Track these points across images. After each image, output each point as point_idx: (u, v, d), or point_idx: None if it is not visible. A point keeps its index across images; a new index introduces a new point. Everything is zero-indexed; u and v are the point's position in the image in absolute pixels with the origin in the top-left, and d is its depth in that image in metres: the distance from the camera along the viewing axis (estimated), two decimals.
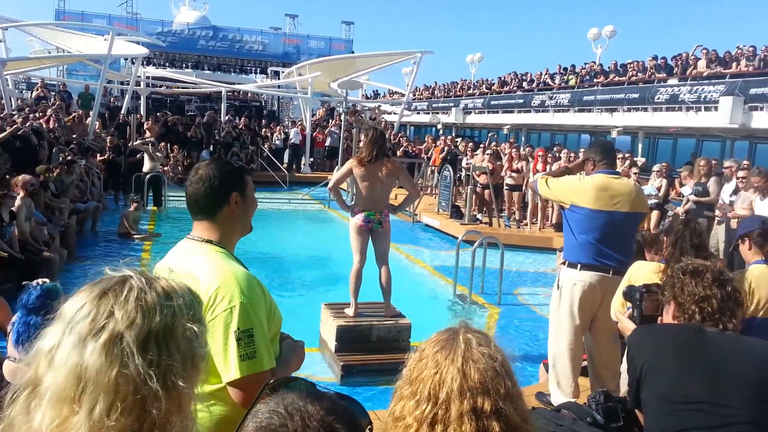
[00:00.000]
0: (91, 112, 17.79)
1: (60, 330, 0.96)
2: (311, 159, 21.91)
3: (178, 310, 0.99)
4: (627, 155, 13.36)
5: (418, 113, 33.00)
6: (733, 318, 2.23)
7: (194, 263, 1.89)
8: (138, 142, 15.14)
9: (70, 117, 16.57)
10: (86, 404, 0.90)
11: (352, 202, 5.60)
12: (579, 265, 4.00)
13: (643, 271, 3.57)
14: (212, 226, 1.98)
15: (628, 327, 2.64)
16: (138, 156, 14.11)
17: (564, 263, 4.14)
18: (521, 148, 14.30)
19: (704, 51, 16.94)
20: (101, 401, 0.91)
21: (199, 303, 1.07)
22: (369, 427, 0.99)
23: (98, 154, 14.07)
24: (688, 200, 9.67)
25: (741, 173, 8.51)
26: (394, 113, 27.67)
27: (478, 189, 13.00)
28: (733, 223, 8.14)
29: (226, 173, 1.99)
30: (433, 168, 16.85)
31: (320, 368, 5.54)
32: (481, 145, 16.62)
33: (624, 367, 3.19)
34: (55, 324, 0.97)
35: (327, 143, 22.26)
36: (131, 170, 13.89)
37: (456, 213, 12.95)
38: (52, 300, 3.03)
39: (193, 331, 1.00)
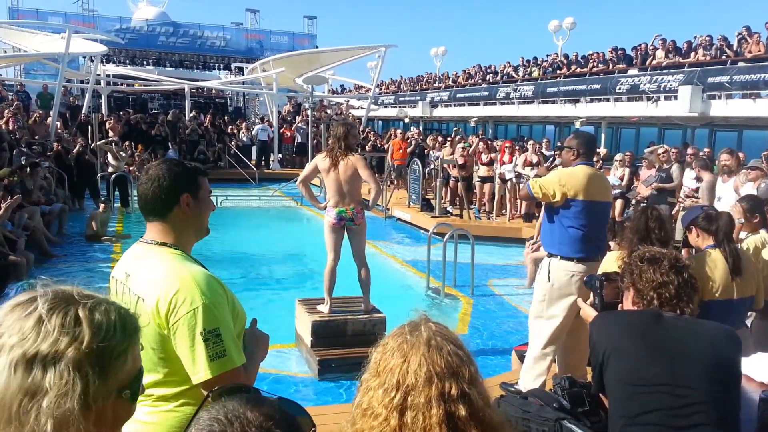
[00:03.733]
0: (51, 113, 17.38)
1: None
2: (280, 155, 21.79)
3: (78, 335, 0.96)
4: None
5: (386, 107, 33.03)
6: (690, 303, 2.33)
7: (151, 268, 1.87)
8: (101, 142, 14.88)
9: (32, 118, 16.17)
10: None
11: (325, 201, 5.62)
12: (575, 258, 4.07)
13: (611, 260, 3.72)
14: (165, 228, 1.94)
15: (589, 314, 2.75)
16: (86, 157, 13.76)
17: (554, 256, 4.13)
18: (489, 141, 14.52)
19: (662, 41, 17.35)
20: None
21: (127, 326, 1.03)
22: (312, 430, 1.04)
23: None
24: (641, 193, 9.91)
25: (696, 163, 8.78)
26: (361, 108, 27.66)
27: (451, 183, 13.17)
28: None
29: (176, 174, 1.94)
30: (391, 162, 16.74)
31: (297, 364, 5.59)
32: (449, 138, 16.74)
33: None
34: None
35: (295, 139, 22.17)
36: (82, 174, 13.61)
37: (427, 206, 13.08)
38: None
39: (87, 361, 0.95)
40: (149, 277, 1.84)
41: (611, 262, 3.95)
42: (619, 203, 10.64)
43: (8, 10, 35.22)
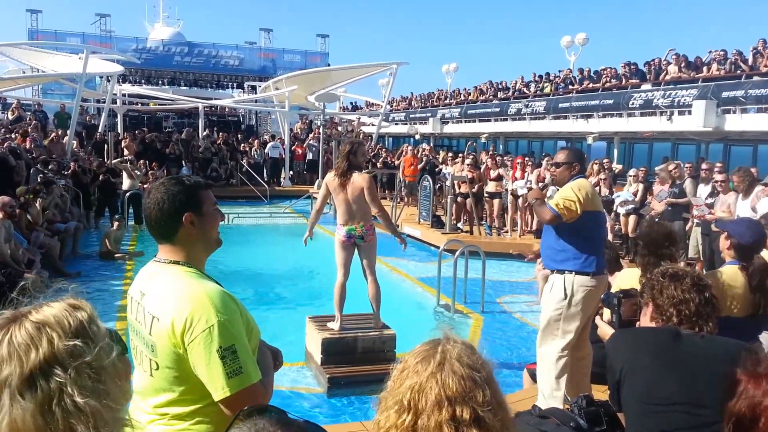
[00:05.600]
0: (68, 132, 17.62)
1: None
2: (291, 172, 21.89)
3: (53, 334, 1.03)
4: (605, 162, 13.55)
5: (396, 124, 33.12)
6: (709, 321, 2.30)
7: (164, 287, 1.86)
8: (116, 161, 15.03)
9: (49, 138, 16.41)
10: None
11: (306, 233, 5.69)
12: (590, 273, 4.01)
13: (630, 278, 3.66)
14: (174, 248, 1.93)
15: (607, 332, 2.70)
16: (101, 178, 13.87)
17: (568, 272, 4.03)
18: (497, 157, 14.51)
19: (675, 56, 17.28)
20: None
21: (83, 312, 1.10)
22: None
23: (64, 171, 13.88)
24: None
25: (719, 177, 8.64)
26: (372, 125, 27.79)
27: (459, 199, 13.11)
28: (713, 226, 8.29)
29: (174, 195, 1.90)
30: (402, 179, 16.84)
31: (307, 381, 5.55)
32: (460, 155, 16.74)
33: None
34: None
35: (306, 156, 22.28)
36: (104, 193, 13.70)
37: (437, 222, 13.03)
38: None
39: (73, 346, 1.03)
40: (163, 296, 1.83)
41: (627, 279, 3.89)
42: (632, 219, 10.54)
43: (27, 32, 35.92)
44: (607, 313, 3.44)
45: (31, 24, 36.33)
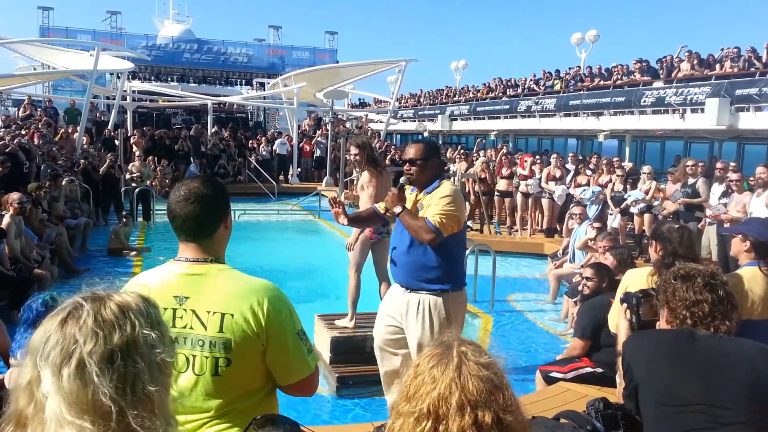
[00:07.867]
0: (78, 128, 17.68)
1: (33, 363, 1.02)
2: (299, 169, 21.88)
3: (136, 321, 1.06)
4: (615, 160, 13.42)
5: (405, 121, 33.08)
6: (726, 320, 2.25)
7: (220, 284, 1.84)
8: (133, 171, 14.73)
9: (59, 134, 16.46)
10: (77, 423, 0.97)
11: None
12: (462, 287, 3.75)
13: (640, 277, 3.58)
14: (207, 246, 1.91)
15: (621, 339, 2.66)
16: (112, 172, 13.83)
17: (444, 292, 3.61)
18: (509, 154, 14.40)
19: (688, 53, 17.11)
20: (86, 420, 0.98)
21: (155, 308, 1.14)
22: None
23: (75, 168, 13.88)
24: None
25: (734, 176, 8.54)
26: (380, 122, 27.75)
27: (471, 198, 13.06)
28: (726, 225, 8.18)
29: (221, 191, 1.95)
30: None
31: None
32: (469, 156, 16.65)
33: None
34: (28, 358, 1.04)
35: (314, 153, 22.26)
36: (107, 188, 13.70)
37: None
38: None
39: (152, 337, 1.07)
40: (226, 292, 1.83)
41: (639, 278, 3.80)
42: (647, 218, 10.40)
43: (39, 29, 36.17)
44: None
45: (43, 21, 36.64)
